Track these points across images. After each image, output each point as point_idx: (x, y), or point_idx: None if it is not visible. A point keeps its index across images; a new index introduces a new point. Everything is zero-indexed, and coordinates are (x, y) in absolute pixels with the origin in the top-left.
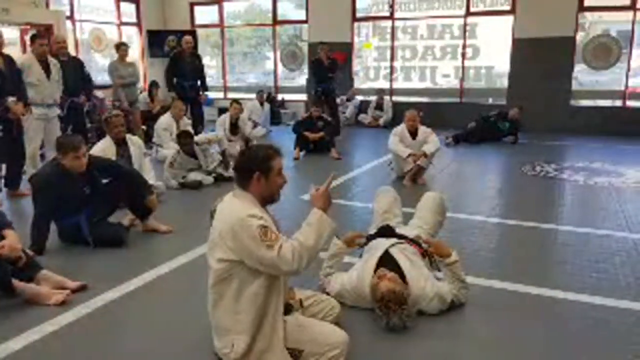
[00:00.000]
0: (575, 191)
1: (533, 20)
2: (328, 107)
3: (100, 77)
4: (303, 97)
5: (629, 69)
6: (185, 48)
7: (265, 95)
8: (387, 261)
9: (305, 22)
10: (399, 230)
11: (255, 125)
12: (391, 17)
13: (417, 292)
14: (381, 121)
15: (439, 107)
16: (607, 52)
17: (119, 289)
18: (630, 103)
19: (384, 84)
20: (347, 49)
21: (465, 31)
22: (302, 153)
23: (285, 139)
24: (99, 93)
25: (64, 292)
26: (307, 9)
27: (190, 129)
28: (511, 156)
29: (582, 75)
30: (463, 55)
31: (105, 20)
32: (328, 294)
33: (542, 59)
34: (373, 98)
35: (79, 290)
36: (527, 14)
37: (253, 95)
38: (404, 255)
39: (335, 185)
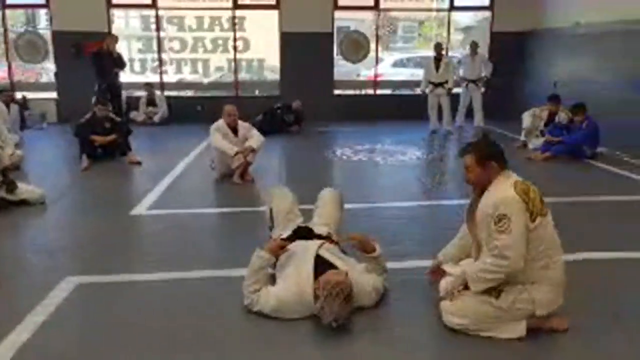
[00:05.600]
0: (378, 169)
1: (296, 16)
2: (113, 104)
3: None
4: (52, 95)
5: (377, 62)
6: None
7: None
8: (320, 264)
9: (46, 6)
10: (316, 230)
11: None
12: (154, 5)
13: (357, 289)
14: (156, 118)
15: (217, 101)
16: (358, 46)
17: None
18: (379, 91)
19: (152, 78)
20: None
21: (234, 24)
22: (88, 161)
23: (45, 148)
24: None
25: None
26: None
27: None
28: (306, 144)
29: (342, 67)
30: (234, 48)
31: None
32: (257, 312)
33: (308, 52)
34: (142, 93)
35: None
36: (290, 9)
37: None
38: (333, 255)
39: (160, 196)
